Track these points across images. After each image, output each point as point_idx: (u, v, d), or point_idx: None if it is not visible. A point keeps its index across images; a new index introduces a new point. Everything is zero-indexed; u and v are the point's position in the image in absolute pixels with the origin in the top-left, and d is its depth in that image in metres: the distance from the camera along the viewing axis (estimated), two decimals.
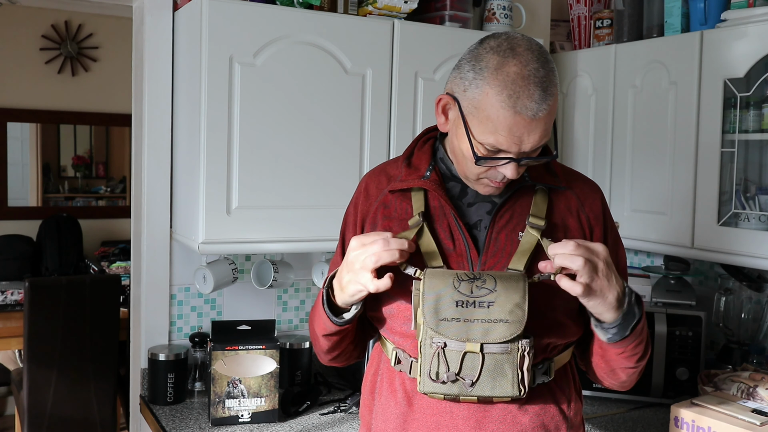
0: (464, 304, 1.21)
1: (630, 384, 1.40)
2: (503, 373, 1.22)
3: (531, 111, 1.16)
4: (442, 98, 1.28)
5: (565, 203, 1.35)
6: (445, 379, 1.23)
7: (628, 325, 1.23)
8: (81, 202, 4.82)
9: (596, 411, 2.15)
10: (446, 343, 1.22)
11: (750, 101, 2.03)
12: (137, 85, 2.29)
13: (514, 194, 1.33)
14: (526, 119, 1.16)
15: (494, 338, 1.21)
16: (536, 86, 1.16)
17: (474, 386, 1.22)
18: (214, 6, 1.89)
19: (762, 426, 1.54)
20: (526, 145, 1.19)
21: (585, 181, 1.40)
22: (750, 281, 2.29)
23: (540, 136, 1.20)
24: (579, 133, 2.59)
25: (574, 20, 2.70)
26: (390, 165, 1.44)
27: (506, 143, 1.19)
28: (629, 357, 1.29)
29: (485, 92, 1.18)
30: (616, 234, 1.40)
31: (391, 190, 1.37)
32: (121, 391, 3.40)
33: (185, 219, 2.09)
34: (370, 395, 1.42)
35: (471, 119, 1.21)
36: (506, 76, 1.16)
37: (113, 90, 4.71)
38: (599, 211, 1.37)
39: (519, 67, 1.16)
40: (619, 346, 1.26)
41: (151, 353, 2.16)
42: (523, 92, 1.15)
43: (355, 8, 2.15)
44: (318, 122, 2.04)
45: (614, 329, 1.23)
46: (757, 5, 2.02)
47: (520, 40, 1.21)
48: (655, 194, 2.27)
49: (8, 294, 3.63)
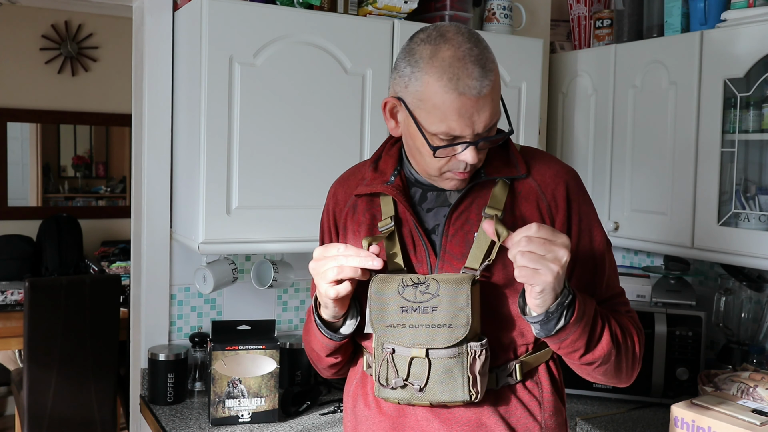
0: (408, 310, 1.21)
1: (605, 381, 1.32)
2: (453, 377, 1.21)
3: (474, 89, 1.15)
4: (387, 101, 1.27)
5: (527, 193, 1.30)
6: (394, 385, 1.23)
7: (551, 327, 1.18)
8: (81, 202, 4.82)
9: (596, 411, 2.15)
10: (394, 349, 1.23)
11: (750, 101, 2.03)
12: (137, 85, 2.29)
13: (469, 194, 1.30)
14: (472, 98, 1.16)
15: (438, 344, 1.20)
16: (474, 64, 1.16)
17: (423, 391, 1.22)
18: (214, 6, 1.89)
19: (762, 426, 1.54)
20: (479, 125, 1.18)
21: (550, 166, 1.34)
22: (750, 281, 2.29)
23: (490, 114, 1.19)
24: (579, 133, 2.59)
25: (574, 20, 2.70)
26: (359, 168, 1.44)
27: (458, 127, 1.18)
28: (570, 354, 1.24)
29: (426, 82, 1.17)
30: (590, 218, 1.34)
31: (358, 194, 1.37)
32: (121, 391, 3.40)
33: (185, 219, 2.09)
34: (347, 400, 1.43)
35: (419, 113, 1.20)
36: (442, 61, 1.16)
37: (113, 90, 4.72)
38: (561, 197, 1.30)
39: (452, 50, 1.16)
40: (550, 342, 1.22)
41: (151, 353, 2.16)
42: (462, 72, 1.15)
43: (355, 8, 2.15)
44: (318, 122, 2.04)
45: (537, 324, 1.19)
46: (757, 5, 2.02)
47: (448, 26, 1.21)
48: (655, 194, 2.27)
49: (8, 294, 3.63)
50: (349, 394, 1.42)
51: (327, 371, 1.45)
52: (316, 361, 1.43)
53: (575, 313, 1.18)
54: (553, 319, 1.17)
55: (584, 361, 1.25)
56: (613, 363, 1.26)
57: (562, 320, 1.17)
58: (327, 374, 1.47)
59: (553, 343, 1.22)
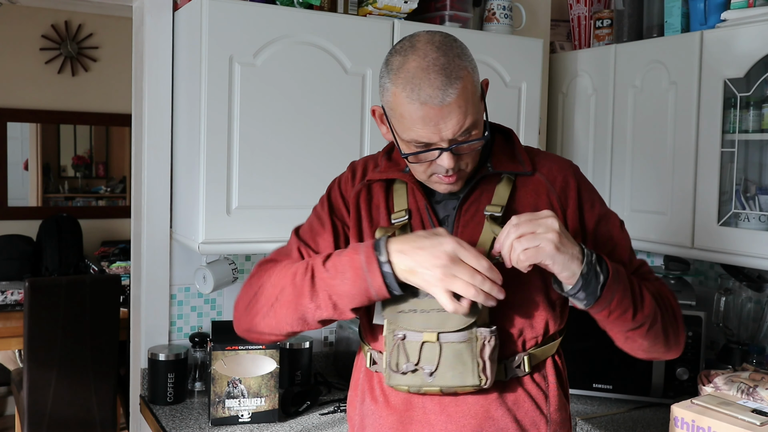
0: (419, 296, 1.23)
1: (661, 349, 1.32)
2: (463, 362, 1.23)
3: (437, 99, 1.18)
4: (375, 109, 1.33)
5: (534, 188, 1.34)
6: (405, 370, 1.24)
7: (595, 286, 1.19)
8: (81, 202, 4.82)
9: (596, 411, 2.15)
10: (405, 335, 1.24)
11: (750, 101, 2.03)
12: (137, 85, 2.29)
13: (478, 187, 1.33)
14: (435, 107, 1.18)
15: (449, 327, 1.22)
16: (437, 74, 1.18)
17: (434, 376, 1.23)
18: (214, 6, 1.89)
19: (762, 426, 1.54)
20: (446, 132, 1.20)
21: (554, 161, 1.39)
22: (750, 281, 2.29)
23: (457, 120, 1.20)
24: (579, 133, 2.59)
25: (574, 20, 2.70)
26: (371, 158, 1.47)
27: (425, 134, 1.21)
28: (622, 316, 1.24)
29: (393, 93, 1.22)
30: (601, 202, 1.39)
31: (371, 180, 1.38)
32: (121, 391, 3.40)
33: (185, 219, 2.09)
34: (354, 395, 1.44)
35: (393, 121, 1.25)
36: (407, 72, 1.20)
37: (113, 90, 4.71)
38: (570, 187, 1.35)
39: (418, 60, 1.20)
40: (599, 308, 1.22)
41: (151, 353, 2.16)
42: (423, 83, 1.18)
43: (355, 8, 2.15)
44: (318, 122, 2.04)
45: (581, 293, 1.20)
46: (757, 5, 2.02)
47: (421, 35, 1.24)
48: (655, 194, 2.27)
49: (8, 294, 3.63)
50: (356, 392, 1.42)
51: (276, 331, 1.31)
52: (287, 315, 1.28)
53: (609, 266, 1.20)
54: (591, 279, 1.19)
55: (636, 323, 1.25)
56: (660, 323, 1.28)
57: (600, 276, 1.19)
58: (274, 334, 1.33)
59: (602, 308, 1.22)
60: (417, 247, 1.18)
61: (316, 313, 1.25)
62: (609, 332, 1.32)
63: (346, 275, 1.21)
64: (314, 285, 1.24)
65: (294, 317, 1.27)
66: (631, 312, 1.24)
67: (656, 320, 1.27)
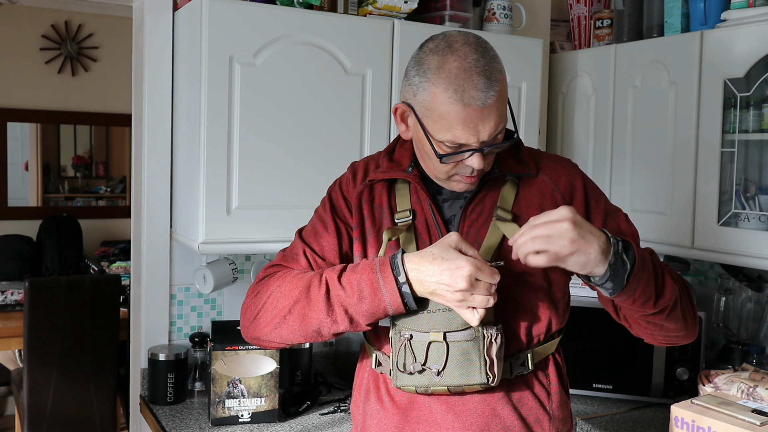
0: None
1: (681, 332, 1.33)
2: (470, 361, 1.24)
3: (479, 100, 1.19)
4: (398, 107, 1.31)
5: (539, 189, 1.36)
6: (412, 370, 1.25)
7: (622, 275, 1.19)
8: (81, 202, 4.82)
9: (596, 411, 2.15)
10: (412, 335, 1.25)
11: (750, 101, 2.03)
12: (137, 85, 2.29)
13: (483, 187, 1.35)
14: (477, 109, 1.19)
15: (456, 326, 1.23)
16: (479, 75, 1.19)
17: (441, 375, 1.24)
18: (214, 6, 1.89)
19: (762, 426, 1.54)
20: (484, 133, 1.22)
21: (557, 161, 1.41)
22: (750, 281, 2.29)
23: (495, 123, 1.22)
24: (579, 133, 2.59)
25: (574, 20, 2.70)
26: (371, 158, 1.47)
27: (464, 136, 1.22)
28: (645, 304, 1.24)
29: (433, 92, 1.21)
30: (605, 198, 1.40)
31: (373, 180, 1.39)
32: (121, 391, 3.40)
33: (185, 219, 2.09)
34: (358, 395, 1.44)
35: (426, 121, 1.25)
36: (448, 72, 1.20)
37: (113, 90, 4.71)
38: (576, 187, 1.37)
39: (459, 61, 1.20)
40: (624, 296, 1.22)
41: (151, 353, 2.16)
42: (467, 84, 1.19)
43: (355, 8, 2.15)
44: (318, 122, 2.04)
45: (609, 282, 1.19)
46: (757, 5, 2.02)
47: (456, 36, 1.25)
48: (655, 194, 2.27)
49: (8, 294, 3.63)
50: (360, 391, 1.42)
51: (282, 339, 1.31)
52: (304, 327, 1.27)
53: (636, 253, 1.20)
54: (618, 269, 1.18)
55: (659, 307, 1.25)
56: (679, 306, 1.29)
57: (627, 265, 1.19)
58: (277, 340, 1.33)
59: (628, 295, 1.21)
60: (437, 270, 1.17)
61: (332, 328, 1.26)
62: (628, 318, 1.33)
63: (363, 294, 1.22)
64: (330, 301, 1.24)
65: (309, 330, 1.28)
66: (653, 298, 1.24)
67: (676, 303, 1.28)
